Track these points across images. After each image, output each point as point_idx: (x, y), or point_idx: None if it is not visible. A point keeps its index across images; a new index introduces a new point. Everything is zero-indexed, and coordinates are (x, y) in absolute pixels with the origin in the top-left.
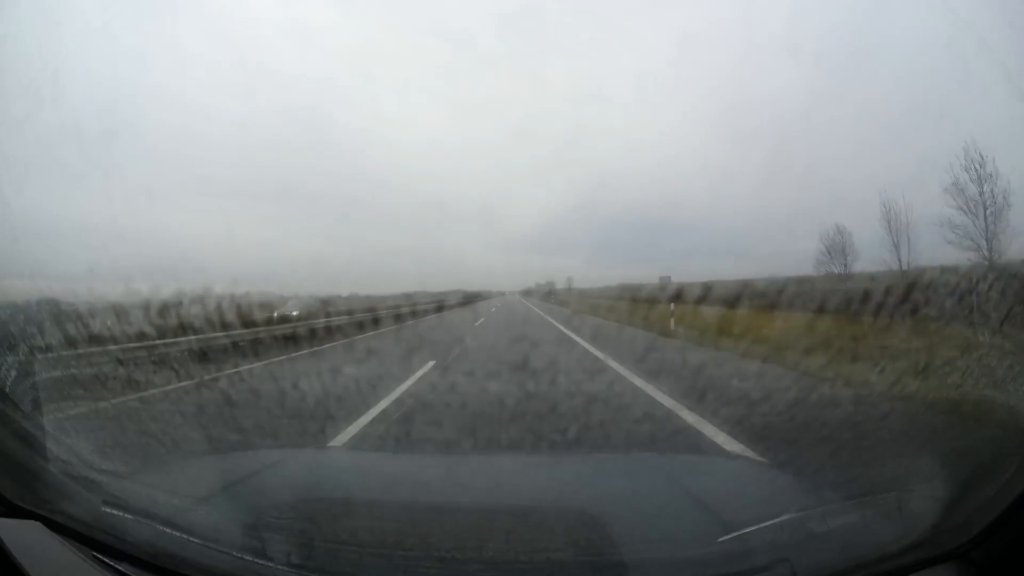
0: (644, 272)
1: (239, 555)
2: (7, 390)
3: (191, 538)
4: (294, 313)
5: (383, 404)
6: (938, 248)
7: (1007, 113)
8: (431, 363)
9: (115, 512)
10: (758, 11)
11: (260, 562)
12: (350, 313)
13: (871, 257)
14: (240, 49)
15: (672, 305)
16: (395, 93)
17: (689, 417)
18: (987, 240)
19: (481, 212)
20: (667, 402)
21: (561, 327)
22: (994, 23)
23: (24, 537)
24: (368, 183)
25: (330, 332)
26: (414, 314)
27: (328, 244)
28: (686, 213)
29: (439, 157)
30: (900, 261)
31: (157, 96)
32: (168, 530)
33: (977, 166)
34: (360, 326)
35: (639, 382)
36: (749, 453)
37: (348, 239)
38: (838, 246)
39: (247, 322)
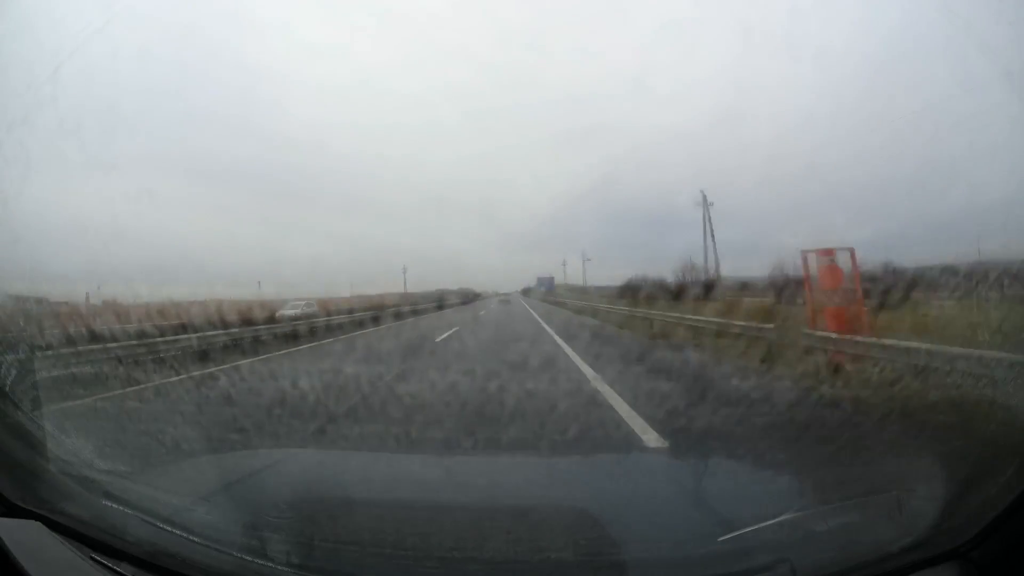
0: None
1: (239, 555)
2: (7, 389)
3: (191, 537)
4: None
5: None
6: (938, 246)
7: (1007, 113)
8: None
9: (115, 506)
10: (756, 11)
11: (260, 562)
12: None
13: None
14: (239, 51)
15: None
16: (394, 89)
17: None
18: None
19: (480, 206)
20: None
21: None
22: (994, 23)
23: (24, 537)
24: (362, 176)
25: None
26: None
27: (322, 244)
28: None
29: (437, 152)
30: None
31: (160, 94)
32: (168, 529)
33: None
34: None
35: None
36: None
37: (337, 237)
38: None
39: None
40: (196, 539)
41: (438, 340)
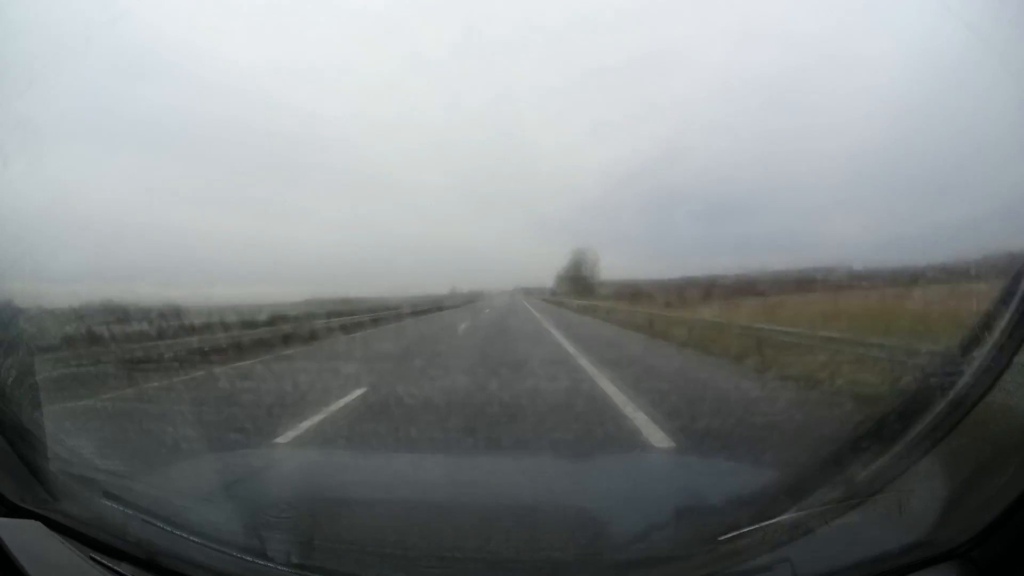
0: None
1: (239, 555)
2: (7, 390)
3: (191, 537)
4: None
5: None
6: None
7: (1006, 113)
8: None
9: (115, 506)
10: (752, 9)
11: (260, 562)
12: None
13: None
14: (242, 47)
15: None
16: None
17: None
18: None
19: (485, 179)
20: None
21: None
22: (994, 22)
23: (24, 537)
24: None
25: None
26: None
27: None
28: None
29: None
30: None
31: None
32: (168, 529)
33: None
34: None
35: None
36: None
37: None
38: None
39: None
40: (196, 539)
41: None
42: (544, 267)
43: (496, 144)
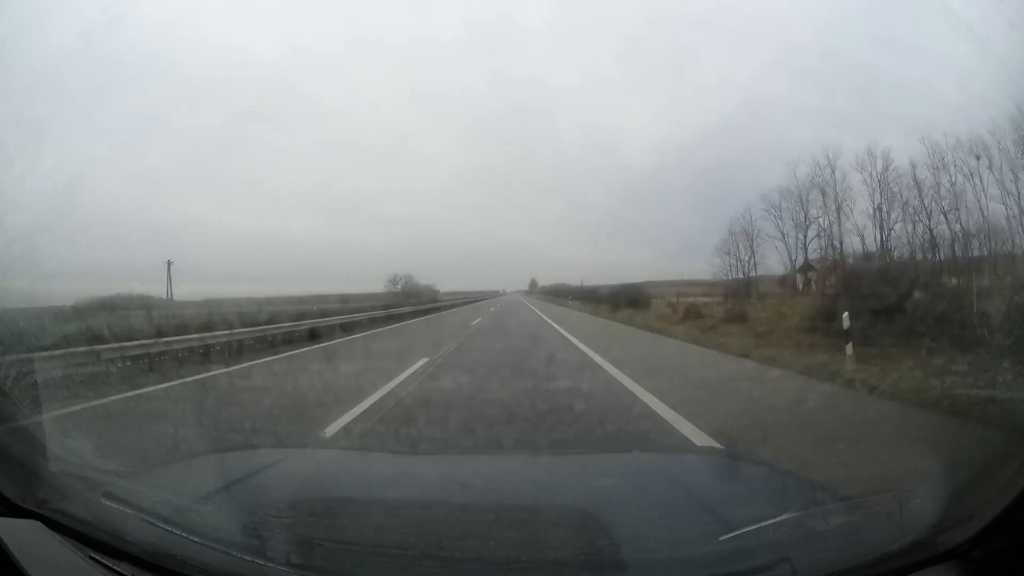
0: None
1: (239, 555)
2: (7, 390)
3: (191, 537)
4: None
5: None
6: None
7: (1005, 112)
8: None
9: (115, 506)
10: (731, 9)
11: (260, 562)
12: None
13: None
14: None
15: None
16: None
17: None
18: None
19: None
20: None
21: None
22: (994, 23)
23: (24, 537)
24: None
25: None
26: None
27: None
28: None
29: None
30: None
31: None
32: (168, 529)
33: None
34: None
35: None
36: None
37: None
38: None
39: None
40: (196, 539)
41: None
42: (567, 263)
43: (505, 93)
